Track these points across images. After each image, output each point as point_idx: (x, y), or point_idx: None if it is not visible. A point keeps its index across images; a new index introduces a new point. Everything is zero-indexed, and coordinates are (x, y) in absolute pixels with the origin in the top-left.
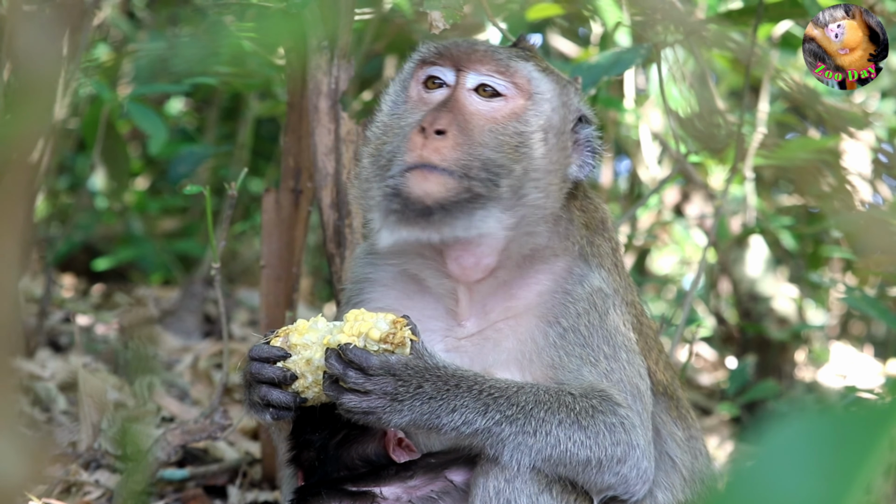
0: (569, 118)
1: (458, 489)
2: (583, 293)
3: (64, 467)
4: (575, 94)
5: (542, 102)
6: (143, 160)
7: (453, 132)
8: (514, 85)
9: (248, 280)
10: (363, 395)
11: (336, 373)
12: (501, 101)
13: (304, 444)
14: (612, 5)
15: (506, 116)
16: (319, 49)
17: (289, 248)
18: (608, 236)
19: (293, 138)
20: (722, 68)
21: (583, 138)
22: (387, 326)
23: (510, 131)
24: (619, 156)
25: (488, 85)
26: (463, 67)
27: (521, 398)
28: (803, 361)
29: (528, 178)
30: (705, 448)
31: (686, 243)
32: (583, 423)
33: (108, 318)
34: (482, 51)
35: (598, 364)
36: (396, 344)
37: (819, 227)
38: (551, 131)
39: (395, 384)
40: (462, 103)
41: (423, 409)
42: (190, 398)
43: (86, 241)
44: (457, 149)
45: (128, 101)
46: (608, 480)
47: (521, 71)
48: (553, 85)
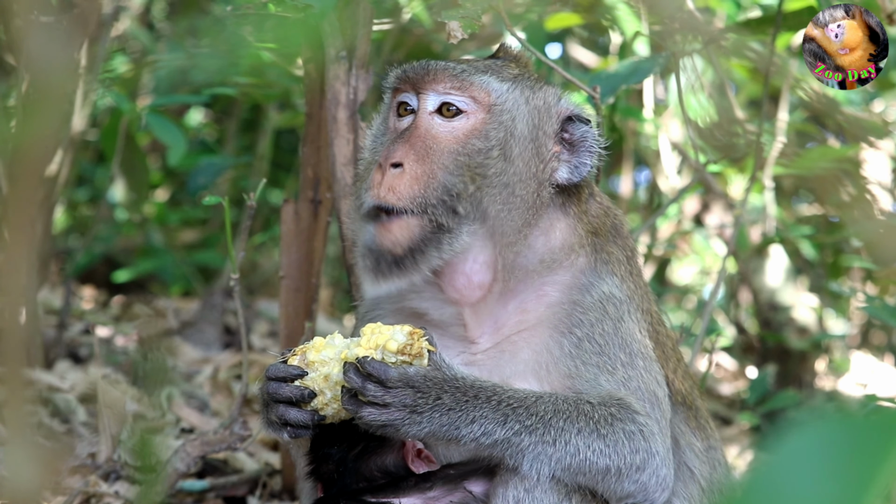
0: (546, 122)
1: (478, 500)
2: (592, 301)
3: (83, 478)
4: (555, 96)
5: (502, 113)
6: (162, 172)
7: (409, 163)
8: (472, 99)
9: (267, 291)
10: (382, 407)
11: (355, 386)
12: (463, 118)
13: (322, 457)
14: (630, 15)
15: (466, 134)
16: (338, 59)
17: (308, 259)
18: (622, 243)
19: (312, 149)
20: (741, 78)
21: (577, 138)
22: (404, 338)
23: (469, 150)
24: (639, 166)
25: (449, 104)
26: (421, 90)
27: (540, 408)
28: (824, 371)
29: (487, 193)
30: (724, 458)
31: (706, 253)
32: (602, 431)
33: (128, 330)
34: (437, 69)
35: (616, 372)
36: (414, 355)
37: (839, 236)
38: (517, 141)
39: (414, 396)
40: (422, 128)
41: (442, 421)
42: (209, 409)
43: (105, 253)
44: (413, 183)
45: (147, 112)
46: (628, 488)
47: (477, 84)
48: (518, 92)
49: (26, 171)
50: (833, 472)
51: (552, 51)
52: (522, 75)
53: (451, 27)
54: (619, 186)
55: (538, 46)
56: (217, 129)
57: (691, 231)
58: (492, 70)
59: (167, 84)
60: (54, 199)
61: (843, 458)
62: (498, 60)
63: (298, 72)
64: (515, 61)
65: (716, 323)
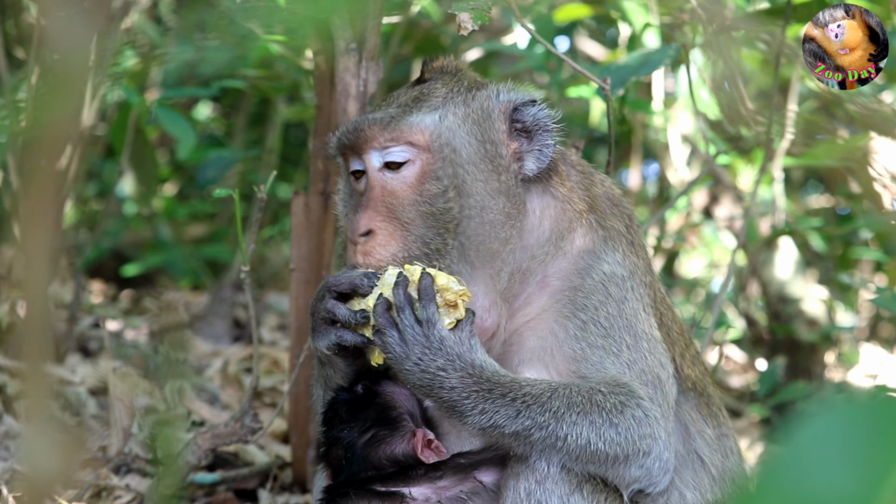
0: (491, 128)
1: (488, 490)
2: (593, 284)
3: (94, 471)
4: (493, 95)
5: (442, 149)
6: (171, 166)
7: (378, 226)
8: (410, 145)
9: (277, 285)
10: (405, 345)
11: (398, 303)
12: (409, 166)
13: (333, 440)
14: (639, 7)
15: (419, 180)
16: (348, 52)
17: (318, 252)
18: (618, 211)
19: (322, 141)
20: (751, 70)
21: (531, 124)
22: (458, 287)
23: (427, 196)
24: (648, 159)
25: (390, 162)
26: (362, 152)
27: (555, 403)
28: (833, 363)
29: (466, 227)
30: (737, 447)
31: (715, 246)
32: (614, 420)
33: (138, 324)
34: (366, 128)
35: (621, 354)
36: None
37: (848, 228)
38: (468, 169)
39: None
40: (377, 188)
41: (451, 395)
42: (220, 402)
43: (115, 247)
44: (390, 241)
45: (156, 106)
46: (634, 474)
47: (407, 127)
48: (451, 117)
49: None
50: (850, 459)
51: (561, 43)
52: (452, 92)
53: (462, 19)
54: (628, 179)
55: (547, 38)
56: (226, 123)
57: (700, 223)
58: (420, 101)
59: (176, 77)
60: (65, 193)
61: (859, 446)
62: (425, 85)
63: (307, 64)
64: (444, 76)
65: (725, 315)
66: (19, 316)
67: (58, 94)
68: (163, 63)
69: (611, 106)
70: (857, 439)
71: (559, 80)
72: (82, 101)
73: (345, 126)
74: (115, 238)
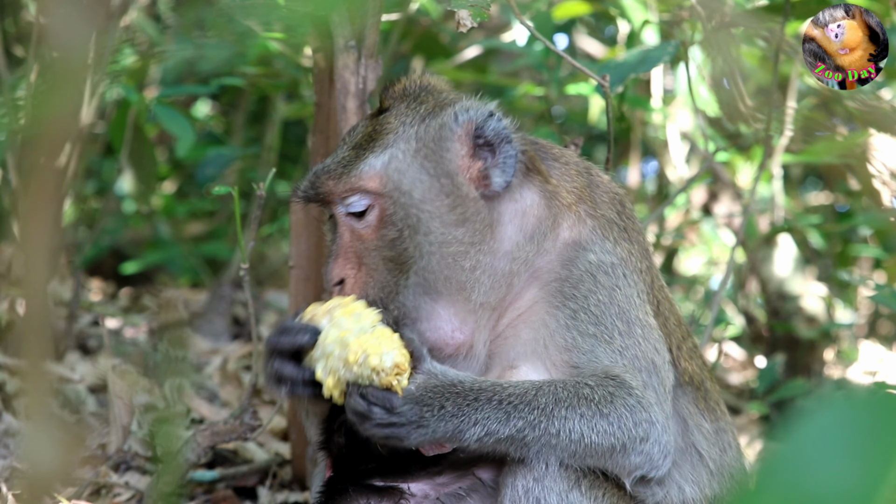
0: (451, 154)
1: (487, 486)
2: (580, 273)
3: (94, 469)
4: (451, 117)
5: (394, 193)
6: (170, 164)
7: (348, 274)
8: (366, 192)
9: (276, 282)
10: (389, 426)
11: (361, 411)
12: (371, 212)
13: (335, 427)
14: (637, 4)
15: (378, 226)
16: (347, 49)
17: (317, 249)
18: (608, 199)
19: (321, 138)
20: (750, 67)
21: (492, 137)
22: (394, 359)
23: (386, 242)
24: (647, 156)
25: (352, 211)
26: (326, 201)
27: (542, 400)
28: (832, 360)
29: (427, 264)
30: (736, 441)
31: (714, 243)
32: (604, 411)
33: (137, 321)
34: (322, 181)
35: (613, 341)
36: (403, 370)
37: (847, 225)
38: (425, 203)
39: (420, 411)
40: (346, 236)
41: (446, 428)
42: (219, 400)
43: (113, 245)
44: (355, 288)
45: (155, 103)
46: (635, 461)
47: (359, 175)
48: (401, 155)
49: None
50: (849, 456)
51: (560, 41)
52: (404, 125)
53: (461, 16)
54: (627, 176)
55: (546, 35)
56: (224, 121)
57: (699, 221)
58: (372, 141)
59: (174, 75)
60: (64, 191)
61: (859, 443)
62: (382, 117)
63: (306, 62)
64: (402, 103)
65: (724, 313)
66: (18, 314)
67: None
68: (162, 61)
69: (610, 103)
70: (857, 436)
71: (558, 78)
72: (81, 99)
73: (305, 178)
74: (114, 236)
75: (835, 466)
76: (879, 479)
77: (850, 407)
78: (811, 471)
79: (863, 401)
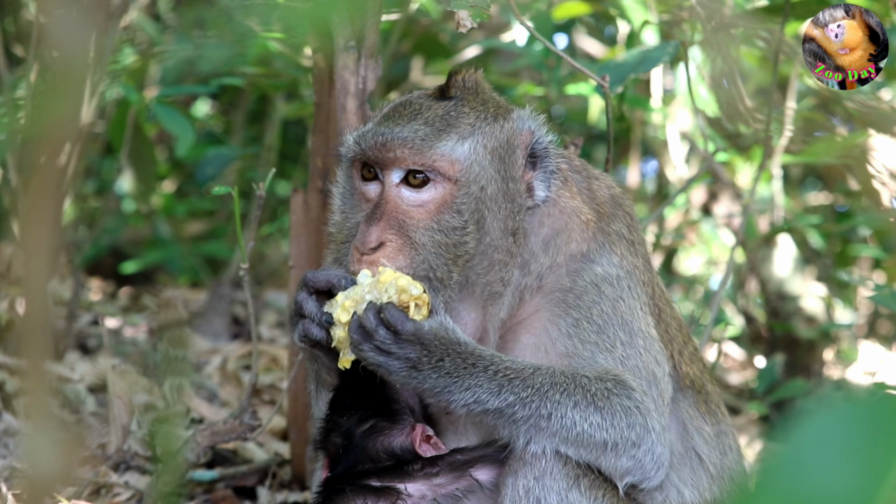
0: (514, 163)
1: (484, 488)
2: (584, 284)
3: (93, 469)
4: (517, 127)
5: (469, 184)
6: (170, 163)
7: (389, 238)
8: (435, 171)
9: (275, 282)
10: (386, 353)
11: (368, 326)
12: (430, 188)
13: (332, 427)
14: (637, 4)
15: (438, 208)
16: (347, 49)
17: (317, 249)
18: (621, 213)
19: (321, 138)
20: (749, 67)
21: (540, 151)
22: (417, 292)
23: (444, 227)
24: (646, 156)
25: (415, 172)
26: (384, 167)
27: (537, 380)
28: (832, 360)
29: (468, 269)
30: (736, 444)
31: (714, 243)
32: (599, 404)
33: (137, 321)
34: (396, 146)
35: (614, 350)
36: (425, 304)
37: (847, 225)
38: (490, 206)
39: (420, 352)
40: (391, 204)
41: (437, 383)
42: (219, 399)
43: (113, 245)
44: (397, 255)
45: (155, 103)
46: (625, 464)
47: (442, 155)
48: (482, 150)
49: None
50: (849, 457)
51: (559, 41)
52: (480, 119)
53: (460, 16)
54: (626, 176)
55: (546, 36)
56: (224, 120)
57: (699, 221)
58: (449, 125)
59: (174, 75)
60: (64, 190)
61: (858, 443)
62: (451, 104)
63: (306, 62)
64: (470, 96)
65: (724, 313)
66: (18, 313)
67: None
68: (161, 60)
69: (609, 103)
70: (857, 437)
71: (558, 78)
72: (81, 99)
73: (370, 137)
74: (113, 235)
75: (835, 468)
76: (880, 480)
77: (850, 408)
78: (811, 472)
79: (863, 402)
